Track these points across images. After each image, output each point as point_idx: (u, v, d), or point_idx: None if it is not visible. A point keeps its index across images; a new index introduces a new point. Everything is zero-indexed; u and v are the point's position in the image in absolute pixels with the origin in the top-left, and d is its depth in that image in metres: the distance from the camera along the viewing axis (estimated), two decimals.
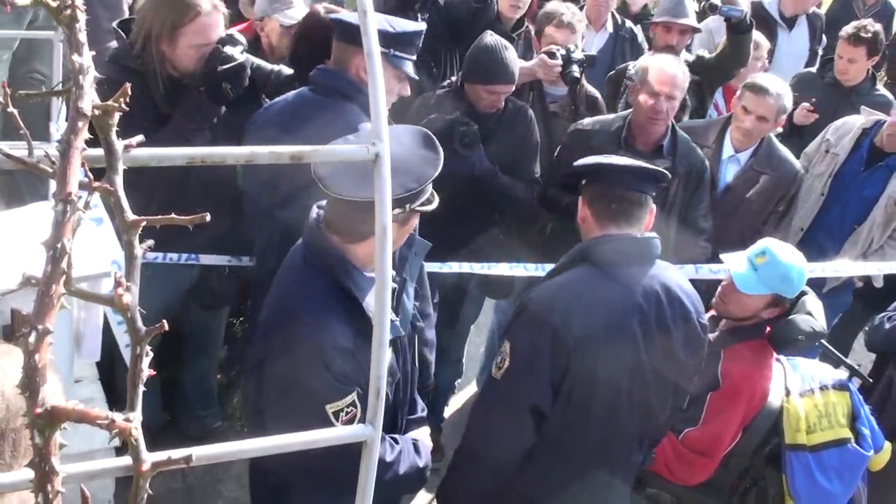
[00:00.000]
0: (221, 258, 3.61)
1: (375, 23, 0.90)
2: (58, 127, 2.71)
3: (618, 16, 5.65)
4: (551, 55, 4.14)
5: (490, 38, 3.81)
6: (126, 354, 2.77)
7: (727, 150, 4.24)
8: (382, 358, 0.89)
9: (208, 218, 0.80)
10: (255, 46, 4.01)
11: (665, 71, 3.86)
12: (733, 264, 3.03)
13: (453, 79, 4.03)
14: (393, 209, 2.15)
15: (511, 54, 3.79)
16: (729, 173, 4.24)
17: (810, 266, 3.22)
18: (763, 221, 4.23)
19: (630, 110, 4.02)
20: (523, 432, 2.58)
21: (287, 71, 3.36)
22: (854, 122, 4.56)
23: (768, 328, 3.07)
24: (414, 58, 3.06)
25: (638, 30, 5.66)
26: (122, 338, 2.76)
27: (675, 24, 4.72)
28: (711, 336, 3.09)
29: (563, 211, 3.75)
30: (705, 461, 3.00)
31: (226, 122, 3.26)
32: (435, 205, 2.37)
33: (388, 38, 2.94)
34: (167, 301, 3.62)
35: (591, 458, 2.64)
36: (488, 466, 2.65)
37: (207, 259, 3.57)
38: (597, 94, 4.43)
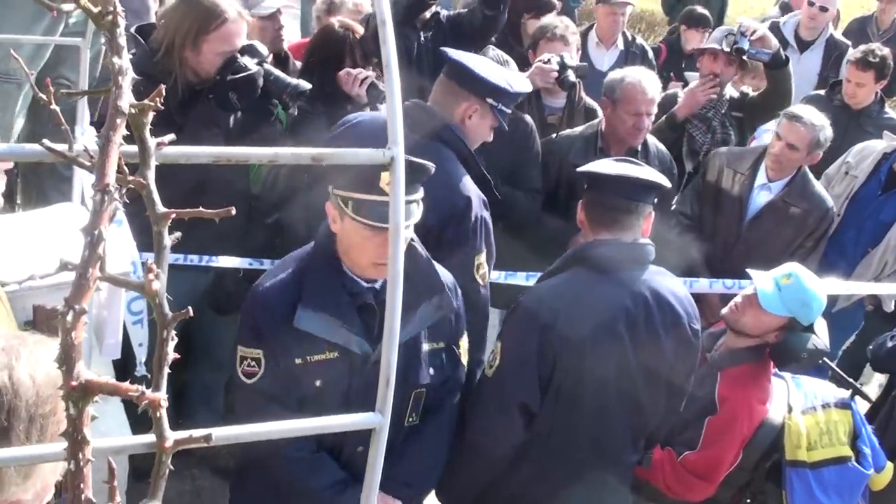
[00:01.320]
0: (242, 261, 3.65)
1: (393, 33, 0.96)
2: (83, 130, 2.78)
3: (628, 33, 5.74)
4: (546, 62, 4.24)
5: (492, 52, 3.93)
6: (139, 353, 2.83)
7: (760, 178, 4.24)
8: (393, 346, 0.94)
9: (234, 212, 0.86)
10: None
11: (646, 91, 3.97)
12: (759, 281, 3.06)
13: None
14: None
15: (511, 68, 3.87)
16: (759, 201, 4.24)
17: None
18: (790, 254, 4.14)
19: (598, 120, 4.14)
20: (512, 429, 2.66)
21: (305, 85, 3.40)
22: (875, 146, 4.60)
23: (767, 350, 3.11)
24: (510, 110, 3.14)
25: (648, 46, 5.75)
26: (136, 336, 2.82)
27: (721, 54, 4.71)
28: (709, 356, 3.13)
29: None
30: (704, 484, 3.01)
31: (241, 130, 3.31)
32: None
33: (501, 95, 3.01)
34: (181, 306, 3.66)
35: (584, 456, 2.70)
36: (481, 461, 2.73)
37: (227, 261, 3.60)
38: (595, 105, 4.49)
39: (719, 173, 4.31)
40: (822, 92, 5.44)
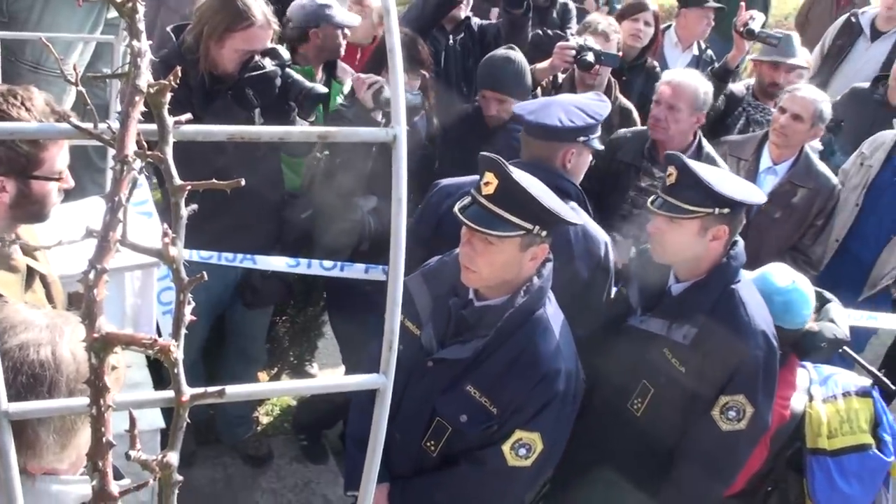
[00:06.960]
0: (281, 259, 3.77)
1: (397, 23, 1.02)
2: (117, 116, 2.88)
3: (702, 42, 5.72)
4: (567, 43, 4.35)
5: (501, 50, 4.04)
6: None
7: (764, 162, 4.29)
8: (395, 312, 1.01)
9: (243, 182, 0.92)
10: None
11: (669, 80, 4.01)
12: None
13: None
14: None
15: (516, 67, 3.95)
16: (766, 186, 4.25)
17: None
18: (801, 235, 4.25)
19: None
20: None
21: (321, 89, 3.54)
22: (886, 136, 4.62)
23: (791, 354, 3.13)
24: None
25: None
26: (166, 326, 2.92)
27: (783, 64, 4.78)
28: None
29: None
30: None
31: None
32: None
33: (589, 130, 3.12)
34: (214, 296, 3.79)
35: None
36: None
37: (265, 262, 3.72)
38: (630, 106, 4.54)
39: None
40: (866, 85, 5.39)
